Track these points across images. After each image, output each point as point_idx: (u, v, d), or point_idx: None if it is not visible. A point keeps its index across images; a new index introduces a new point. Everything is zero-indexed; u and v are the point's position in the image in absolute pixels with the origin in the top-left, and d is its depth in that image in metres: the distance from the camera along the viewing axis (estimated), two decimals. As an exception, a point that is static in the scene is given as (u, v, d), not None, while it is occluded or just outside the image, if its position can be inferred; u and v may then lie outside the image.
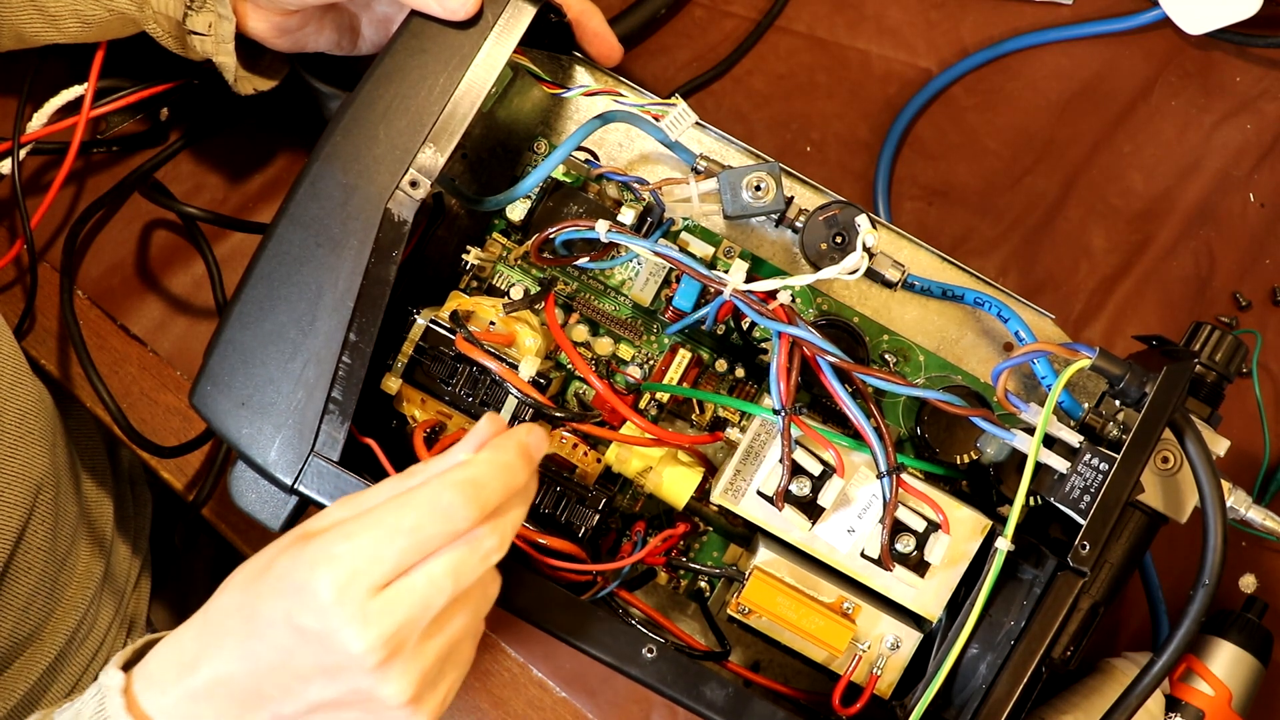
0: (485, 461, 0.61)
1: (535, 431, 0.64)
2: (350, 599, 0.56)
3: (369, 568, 0.57)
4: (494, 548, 0.60)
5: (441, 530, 0.58)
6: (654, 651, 0.69)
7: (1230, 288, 0.91)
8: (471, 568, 0.59)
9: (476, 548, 0.59)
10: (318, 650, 0.57)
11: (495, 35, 0.70)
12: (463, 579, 0.59)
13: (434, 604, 0.58)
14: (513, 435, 0.63)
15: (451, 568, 0.58)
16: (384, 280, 0.69)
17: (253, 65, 0.80)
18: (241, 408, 0.68)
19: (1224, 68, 0.94)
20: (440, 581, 0.58)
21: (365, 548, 0.57)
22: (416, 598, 0.57)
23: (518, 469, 0.61)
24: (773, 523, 0.73)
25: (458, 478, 0.59)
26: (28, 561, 0.79)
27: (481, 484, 0.59)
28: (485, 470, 0.60)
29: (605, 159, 0.80)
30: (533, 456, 0.63)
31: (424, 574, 0.58)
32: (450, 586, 0.58)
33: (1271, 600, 0.85)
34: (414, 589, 0.57)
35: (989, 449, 0.75)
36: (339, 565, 0.57)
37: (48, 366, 0.88)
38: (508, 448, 0.62)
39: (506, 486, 0.61)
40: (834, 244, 0.76)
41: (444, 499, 0.58)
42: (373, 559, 0.57)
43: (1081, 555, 0.66)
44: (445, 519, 0.58)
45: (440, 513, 0.58)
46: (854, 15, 0.93)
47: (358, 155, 0.69)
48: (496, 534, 0.60)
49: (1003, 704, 0.68)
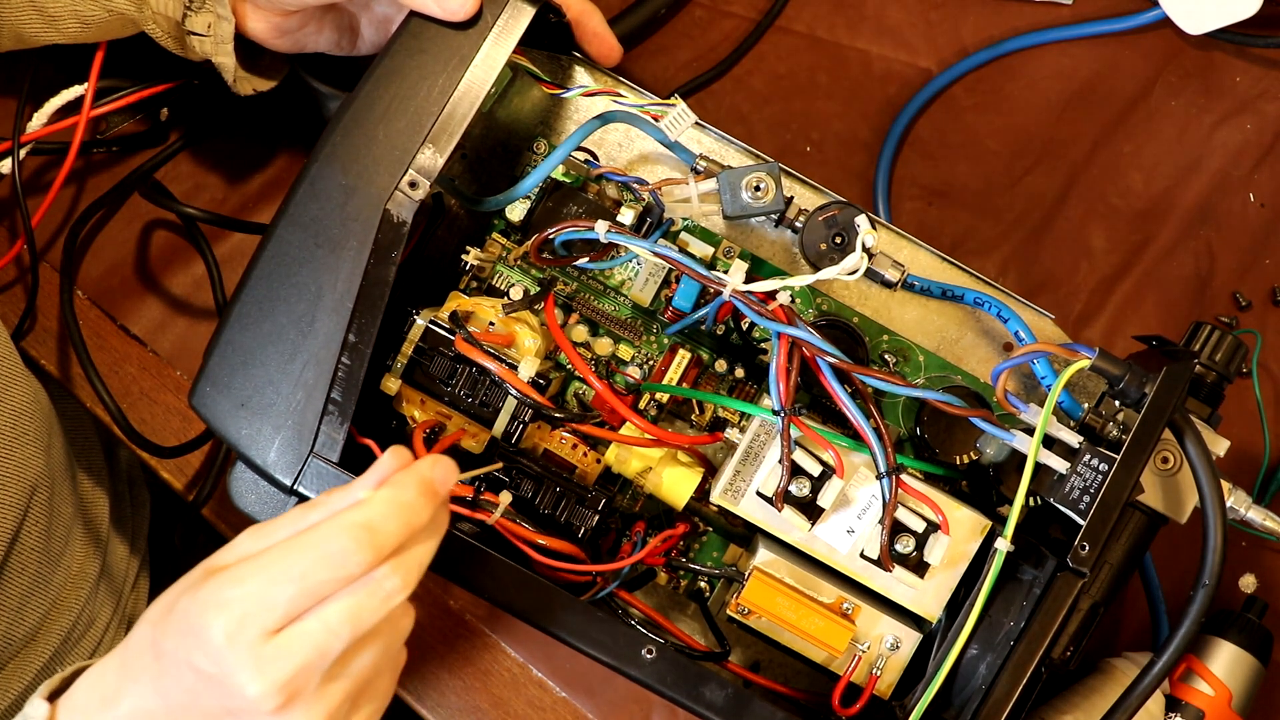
0: (382, 501, 0.59)
1: (441, 464, 0.61)
2: (241, 644, 0.55)
3: (258, 613, 0.56)
4: (395, 589, 0.58)
5: (331, 576, 0.57)
6: (654, 652, 0.69)
7: (1230, 288, 0.91)
8: (371, 610, 0.58)
9: (376, 590, 0.58)
10: (218, 693, 0.57)
11: (494, 35, 0.70)
12: (361, 623, 0.57)
13: (331, 649, 0.57)
14: (414, 471, 0.60)
15: (347, 614, 0.57)
16: (383, 281, 0.69)
17: (252, 66, 0.80)
18: (241, 409, 0.68)
19: (1224, 68, 0.94)
20: (336, 628, 0.57)
21: (254, 593, 0.56)
22: (311, 643, 0.56)
23: (418, 507, 0.59)
24: (772, 523, 0.73)
25: (349, 520, 0.58)
26: (22, 562, 0.79)
27: (374, 527, 0.58)
28: (380, 510, 0.58)
29: (605, 159, 0.80)
30: (437, 491, 0.60)
31: (318, 619, 0.57)
32: (347, 631, 0.57)
33: (1271, 600, 0.85)
34: (307, 634, 0.56)
35: (989, 449, 0.75)
36: (229, 610, 0.56)
37: (48, 366, 0.88)
38: (407, 485, 0.60)
39: (406, 526, 0.59)
40: (834, 244, 0.76)
41: (334, 545, 0.57)
42: (262, 605, 0.56)
43: (1081, 556, 0.66)
44: (335, 565, 0.57)
45: (329, 559, 0.57)
46: (854, 15, 0.93)
47: (357, 156, 0.69)
48: (398, 573, 0.58)
49: (1003, 704, 0.68)
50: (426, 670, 0.85)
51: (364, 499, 0.59)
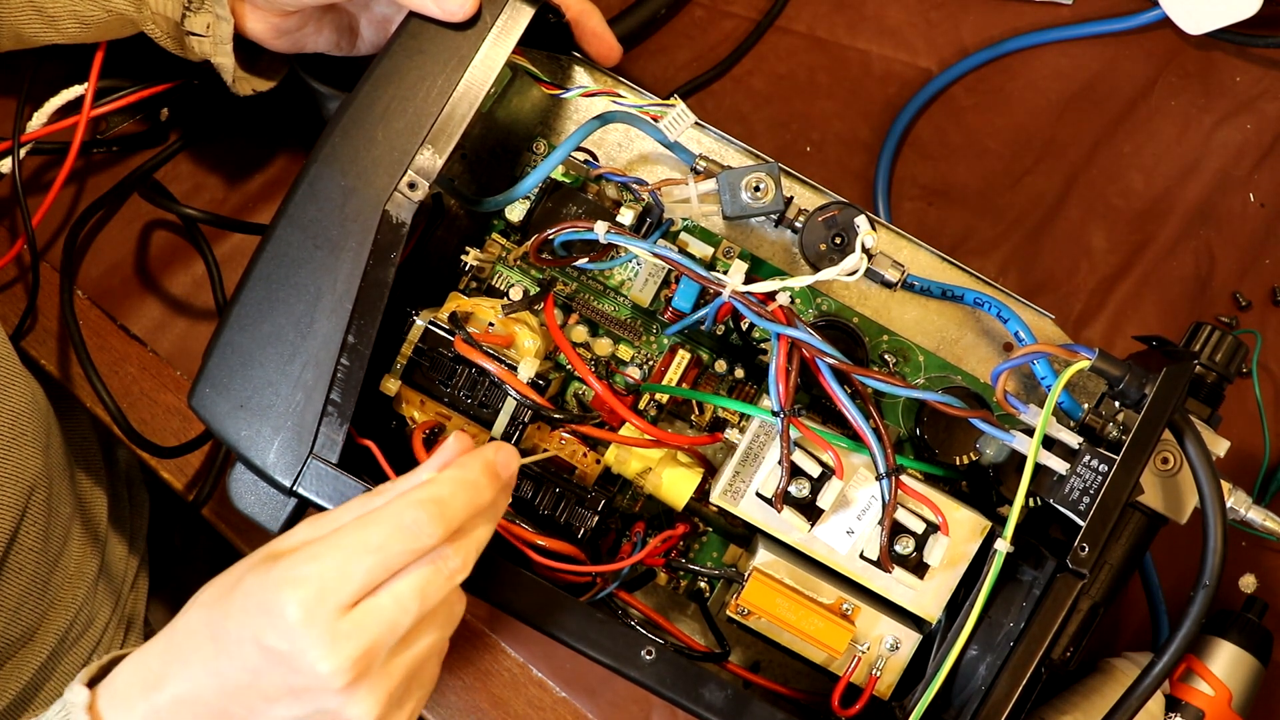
0: (449, 479, 0.60)
1: (504, 450, 0.63)
2: (318, 620, 0.56)
3: (336, 588, 0.57)
4: (459, 567, 0.60)
5: (407, 548, 0.58)
6: (653, 653, 0.69)
7: (1230, 288, 0.91)
8: (437, 587, 0.59)
9: (442, 567, 0.59)
10: (285, 671, 0.57)
11: (494, 36, 0.70)
12: (429, 599, 0.59)
13: (401, 624, 0.58)
14: (479, 454, 0.62)
15: (417, 587, 0.58)
16: (382, 282, 0.69)
17: (251, 66, 0.80)
18: (240, 410, 0.68)
19: (1224, 68, 0.94)
20: (407, 601, 0.58)
21: (331, 567, 0.57)
22: (384, 618, 0.57)
23: (483, 487, 0.61)
24: (772, 524, 0.73)
25: (422, 495, 0.59)
26: (19, 562, 0.80)
27: (445, 501, 0.59)
28: (449, 488, 0.60)
29: (604, 159, 0.80)
30: (499, 475, 0.62)
31: (390, 594, 0.58)
32: (416, 606, 0.58)
33: (1271, 600, 0.85)
34: (381, 609, 0.57)
35: (988, 450, 0.75)
36: (305, 586, 0.56)
37: (48, 366, 0.88)
38: (472, 466, 0.61)
39: (471, 504, 0.60)
40: (833, 245, 0.76)
41: (408, 516, 0.58)
42: (339, 579, 0.57)
43: (1081, 556, 0.66)
44: (410, 536, 0.58)
45: (405, 530, 0.58)
46: (854, 15, 0.93)
47: (356, 156, 0.69)
48: (461, 554, 0.60)
49: (1002, 705, 0.68)
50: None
51: (431, 478, 0.61)
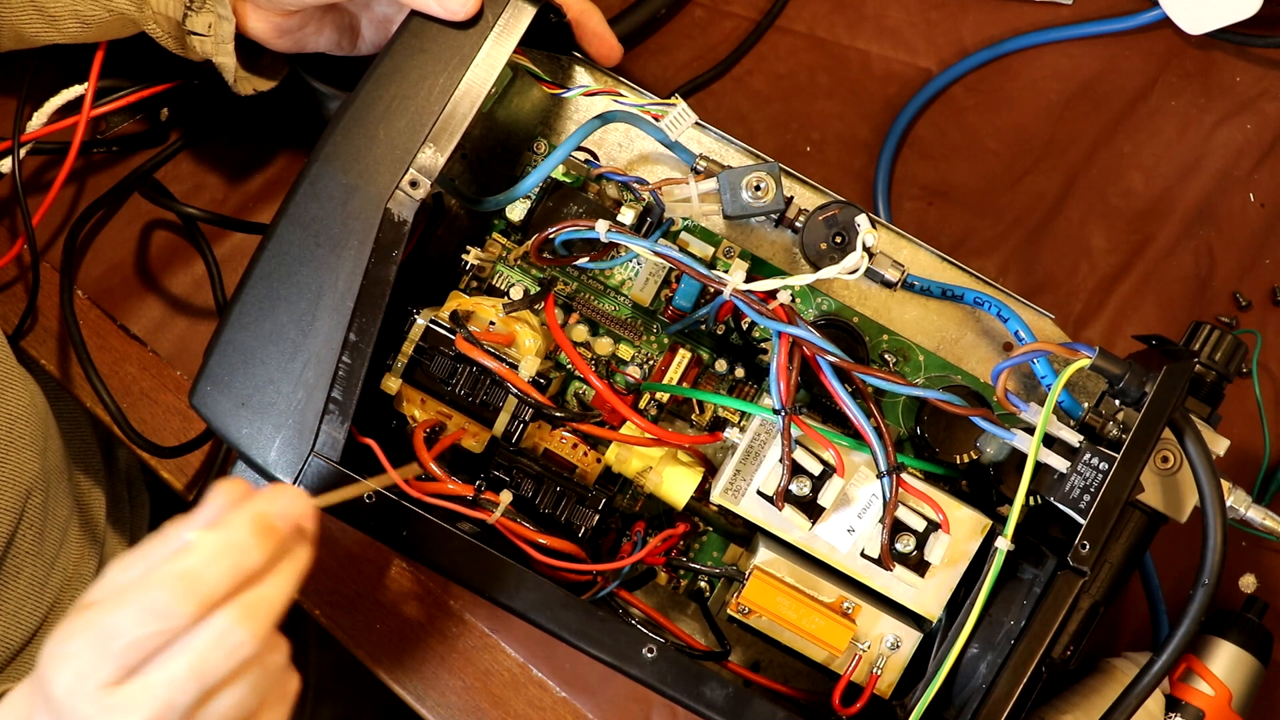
0: (206, 546, 0.55)
1: (280, 496, 0.58)
2: (82, 697, 0.53)
3: (94, 668, 0.53)
4: (242, 640, 0.55)
5: (155, 629, 0.54)
6: (654, 651, 0.69)
7: (1230, 288, 0.91)
8: (216, 663, 0.54)
9: (219, 643, 0.54)
10: None
11: (495, 35, 0.70)
12: (208, 675, 0.54)
13: (179, 701, 0.54)
14: (245, 510, 0.57)
15: (190, 667, 0.54)
16: (384, 280, 0.69)
17: (252, 65, 0.80)
18: (241, 408, 0.69)
19: (1224, 68, 0.94)
20: (180, 682, 0.54)
21: (86, 647, 0.54)
22: (156, 695, 0.54)
23: (248, 548, 0.56)
24: (773, 523, 0.73)
25: (167, 571, 0.54)
26: (17, 565, 0.79)
27: (196, 576, 0.54)
28: (202, 557, 0.55)
29: (605, 159, 0.80)
30: (274, 527, 0.57)
31: (161, 673, 0.54)
32: (193, 685, 0.54)
33: (1271, 600, 0.85)
34: (150, 688, 0.54)
35: (989, 449, 0.75)
36: (67, 665, 0.54)
37: (48, 366, 0.88)
38: (237, 525, 0.56)
39: (235, 569, 0.55)
40: (834, 244, 0.76)
41: (151, 598, 0.54)
42: (96, 658, 0.54)
43: (1081, 555, 0.66)
44: (156, 618, 0.54)
45: (149, 613, 0.54)
46: (854, 15, 0.93)
47: (357, 155, 0.69)
48: (244, 625, 0.55)
49: (1003, 704, 0.68)
50: (426, 670, 0.85)
51: (188, 542, 0.56)
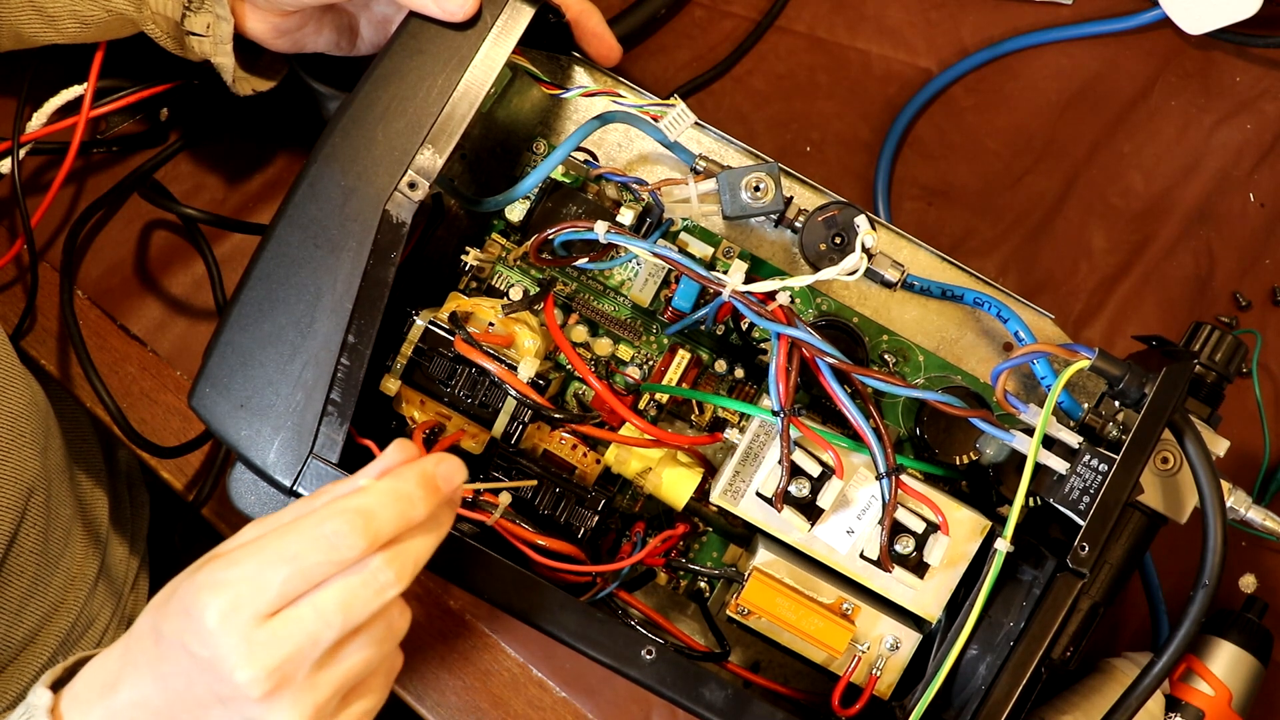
0: (380, 490, 0.58)
1: (446, 461, 0.61)
2: (233, 628, 0.55)
3: (252, 595, 0.55)
4: (390, 581, 0.58)
5: (325, 559, 0.56)
6: (653, 653, 0.69)
7: (1230, 288, 0.91)
8: (364, 601, 0.57)
9: (370, 580, 0.57)
10: (211, 678, 0.56)
11: (494, 36, 0.70)
12: (354, 613, 0.57)
13: (323, 637, 0.56)
14: (417, 465, 0.60)
15: (340, 601, 0.56)
16: (383, 281, 0.69)
17: (251, 66, 0.80)
18: (240, 409, 0.69)
19: (1224, 68, 0.94)
20: (329, 615, 0.56)
21: (248, 575, 0.56)
22: (303, 629, 0.56)
23: (416, 499, 0.59)
24: (772, 524, 0.73)
25: (347, 505, 0.57)
26: (20, 564, 0.79)
27: (371, 513, 0.57)
28: (377, 499, 0.58)
29: (604, 159, 0.80)
30: (438, 487, 0.60)
31: (311, 605, 0.56)
32: (340, 621, 0.56)
33: (1271, 600, 0.85)
34: (300, 620, 0.56)
35: (988, 450, 0.75)
36: (223, 593, 0.56)
37: (48, 366, 0.88)
38: (408, 477, 0.59)
39: (401, 516, 0.58)
40: (833, 244, 0.76)
41: (328, 527, 0.56)
42: (256, 587, 0.56)
43: (1081, 556, 0.66)
44: (328, 547, 0.56)
45: (323, 540, 0.56)
46: (854, 15, 0.93)
47: (356, 156, 0.69)
48: (393, 567, 0.58)
49: (1002, 704, 0.68)
50: (426, 670, 0.85)
51: (363, 486, 0.59)
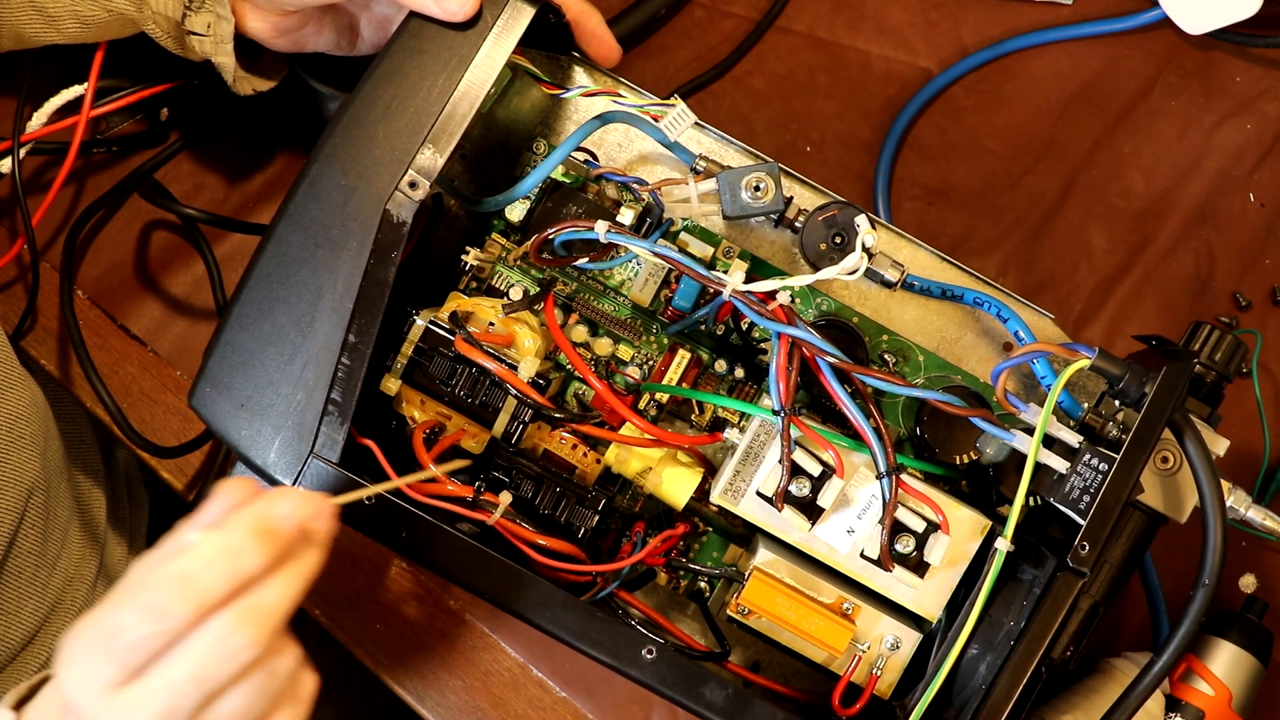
0: (203, 547, 0.55)
1: (286, 501, 0.57)
2: (89, 696, 0.54)
3: (98, 668, 0.54)
4: (242, 644, 0.54)
5: (153, 630, 0.54)
6: (654, 652, 0.69)
7: (1230, 288, 0.91)
8: (217, 667, 0.54)
9: (218, 648, 0.54)
10: None
11: (494, 36, 0.70)
12: (210, 679, 0.54)
13: (181, 705, 0.54)
14: (246, 513, 0.56)
15: (191, 672, 0.54)
16: (383, 281, 0.69)
17: (252, 65, 0.80)
18: (241, 409, 0.68)
19: (1224, 68, 0.94)
20: (181, 686, 0.54)
21: (91, 648, 0.54)
22: (157, 701, 0.54)
23: (245, 551, 0.55)
24: (772, 523, 0.73)
25: (167, 573, 0.54)
26: (19, 565, 0.79)
27: (192, 578, 0.54)
28: (201, 559, 0.55)
29: (604, 159, 0.80)
30: (274, 530, 0.56)
31: (163, 678, 0.54)
32: (195, 690, 0.54)
33: (1271, 600, 0.85)
34: (153, 692, 0.54)
35: (988, 449, 0.75)
36: (75, 663, 0.54)
37: (48, 366, 0.88)
38: (235, 527, 0.56)
39: (231, 572, 0.55)
40: (833, 244, 0.76)
41: (148, 598, 0.54)
42: (100, 659, 0.54)
43: (1081, 555, 0.66)
44: (154, 618, 0.54)
45: (147, 613, 0.54)
46: (854, 15, 0.93)
47: (357, 156, 0.69)
48: (244, 629, 0.54)
49: (1002, 704, 0.68)
50: (426, 670, 0.85)
51: (188, 542, 0.56)
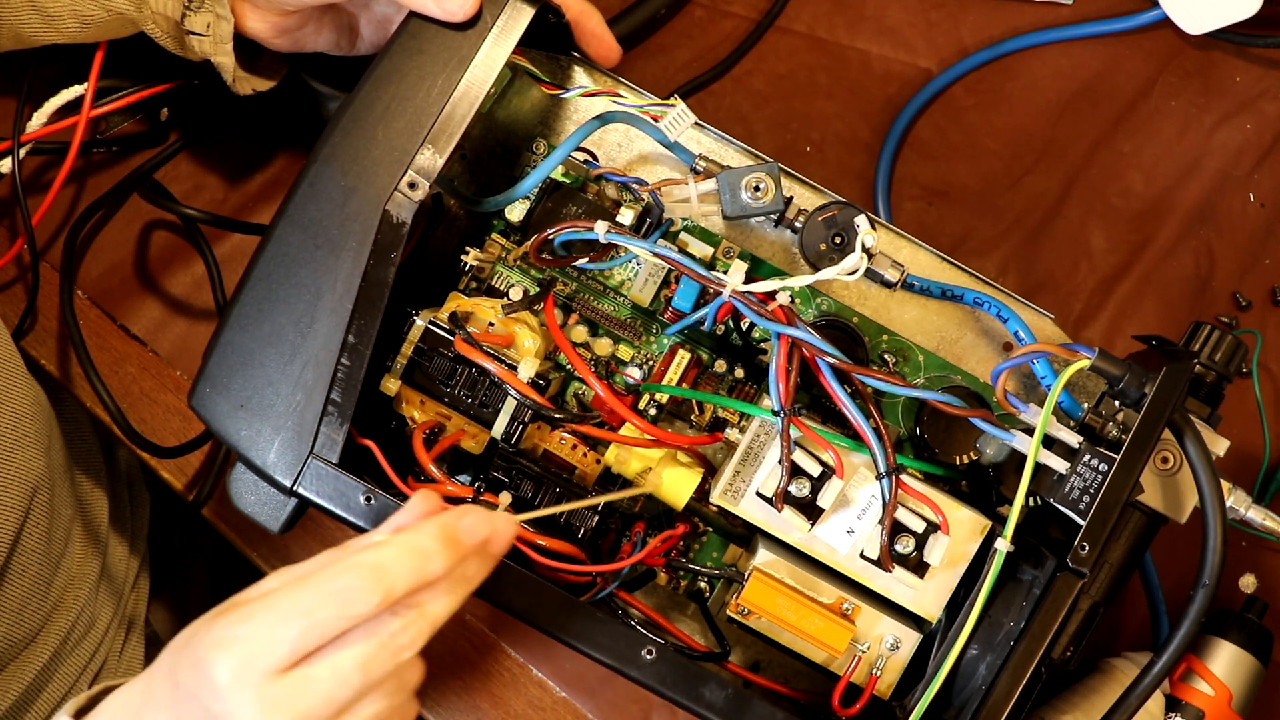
0: (396, 544, 0.58)
1: (471, 514, 0.60)
2: (246, 685, 0.55)
3: (265, 652, 0.55)
4: (407, 644, 0.57)
5: (338, 614, 0.56)
6: (653, 653, 0.69)
7: (1230, 288, 0.91)
8: (380, 663, 0.57)
9: (388, 643, 0.57)
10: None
11: (494, 36, 0.70)
12: (371, 674, 0.57)
13: (339, 697, 0.56)
14: (436, 520, 0.59)
15: (359, 663, 0.56)
16: (383, 282, 0.69)
17: (251, 65, 0.80)
18: (240, 410, 0.68)
19: (1224, 68, 0.94)
20: (347, 675, 0.56)
21: (259, 632, 0.55)
22: (320, 689, 0.56)
23: (433, 554, 0.58)
24: (772, 524, 0.73)
25: (361, 560, 0.57)
26: (22, 564, 0.79)
27: (384, 568, 0.56)
28: (393, 554, 0.57)
29: (604, 159, 0.80)
30: (459, 541, 0.59)
31: (329, 665, 0.56)
32: (358, 681, 0.56)
33: (1271, 600, 0.85)
34: (317, 680, 0.56)
35: (988, 449, 0.75)
36: (234, 649, 0.55)
37: (48, 366, 0.88)
38: (426, 532, 0.58)
39: (417, 571, 0.57)
40: (833, 244, 0.76)
41: (341, 582, 0.56)
42: (269, 643, 0.55)
43: (1081, 556, 0.66)
44: (342, 603, 0.56)
45: (336, 595, 0.56)
46: (854, 15, 0.93)
47: (356, 157, 0.69)
48: (411, 630, 0.57)
49: (1002, 704, 0.67)
50: (426, 670, 0.85)
51: (379, 541, 0.58)
